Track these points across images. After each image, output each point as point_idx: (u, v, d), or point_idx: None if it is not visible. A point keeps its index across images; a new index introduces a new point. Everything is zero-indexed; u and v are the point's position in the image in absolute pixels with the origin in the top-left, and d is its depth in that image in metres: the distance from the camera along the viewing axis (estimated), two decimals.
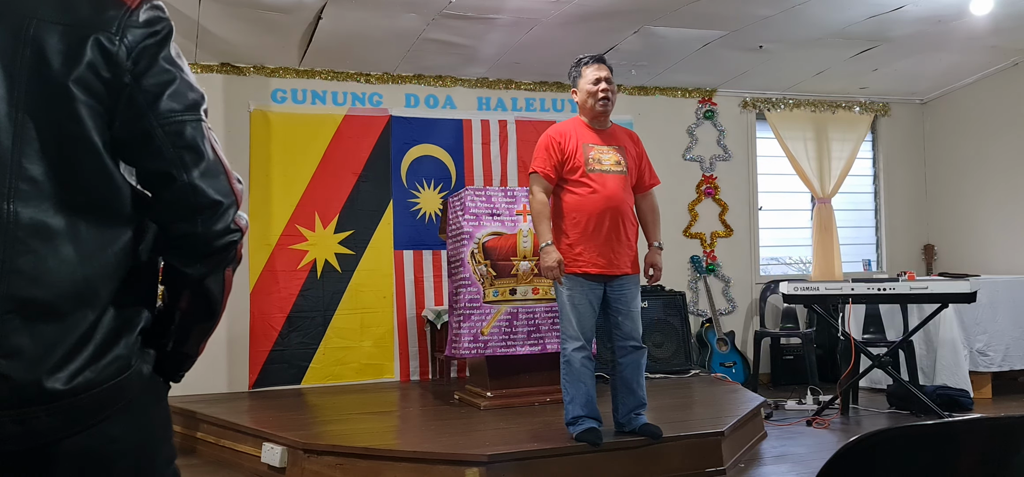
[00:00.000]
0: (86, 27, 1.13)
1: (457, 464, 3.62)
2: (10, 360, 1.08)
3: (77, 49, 1.12)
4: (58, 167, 1.12)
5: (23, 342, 1.08)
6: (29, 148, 1.10)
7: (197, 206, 1.20)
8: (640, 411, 3.89)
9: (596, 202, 3.77)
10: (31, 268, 1.09)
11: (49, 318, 1.10)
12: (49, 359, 1.10)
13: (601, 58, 3.95)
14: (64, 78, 1.11)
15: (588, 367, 3.81)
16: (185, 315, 1.28)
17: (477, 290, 4.78)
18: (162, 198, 1.20)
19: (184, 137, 1.18)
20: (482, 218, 4.82)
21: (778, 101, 7.30)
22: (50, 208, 1.11)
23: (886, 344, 5.67)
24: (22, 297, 1.08)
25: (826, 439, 4.75)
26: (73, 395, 1.11)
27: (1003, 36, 5.95)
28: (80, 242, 1.13)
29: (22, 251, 1.09)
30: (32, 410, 1.10)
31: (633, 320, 3.85)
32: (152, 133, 1.17)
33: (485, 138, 6.57)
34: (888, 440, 1.08)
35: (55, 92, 1.11)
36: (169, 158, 1.17)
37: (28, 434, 1.11)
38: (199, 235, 1.21)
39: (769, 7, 5.24)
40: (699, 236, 7.08)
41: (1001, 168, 6.90)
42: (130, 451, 1.22)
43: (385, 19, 5.22)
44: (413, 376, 6.24)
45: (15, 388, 1.08)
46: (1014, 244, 6.77)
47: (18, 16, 1.11)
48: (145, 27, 1.17)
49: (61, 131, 1.12)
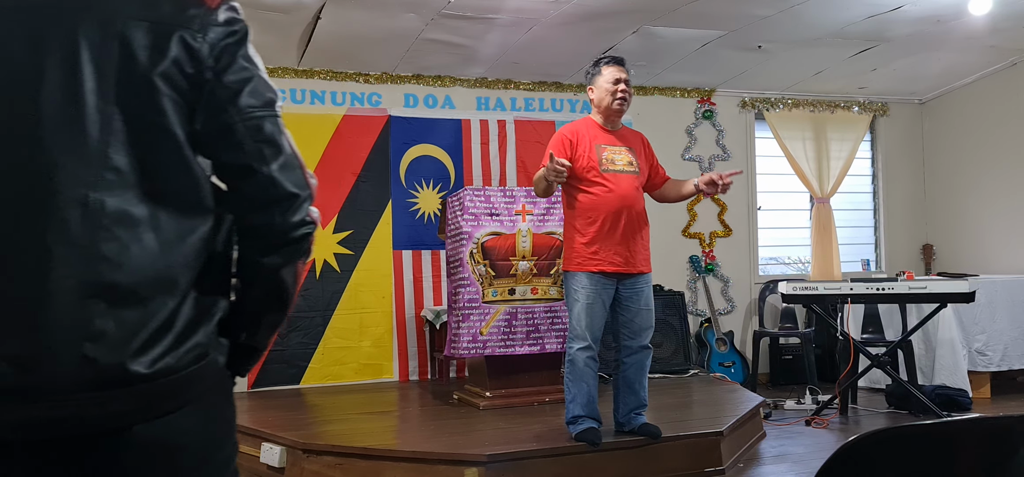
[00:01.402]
0: (170, 24, 1.17)
1: (456, 464, 3.62)
2: (95, 343, 1.11)
3: (162, 45, 1.16)
4: (142, 158, 1.16)
5: (107, 326, 1.11)
6: (115, 139, 1.14)
7: (275, 198, 1.24)
8: (640, 411, 3.89)
9: (611, 201, 3.78)
10: (115, 255, 1.12)
11: (132, 303, 1.13)
12: (132, 343, 1.13)
13: (621, 60, 3.98)
14: (150, 72, 1.16)
15: (591, 367, 3.81)
16: (258, 306, 1.31)
17: (476, 290, 4.78)
18: (242, 190, 1.24)
19: (263, 132, 1.23)
20: (481, 218, 4.82)
21: (777, 101, 7.30)
22: (133, 197, 1.15)
23: (885, 344, 5.68)
24: (107, 282, 1.12)
25: (825, 439, 4.76)
26: (154, 379, 1.14)
27: (1002, 36, 5.95)
28: (161, 231, 1.16)
29: (107, 238, 1.12)
30: (114, 393, 1.12)
31: (644, 319, 3.86)
32: (233, 127, 1.21)
33: (484, 138, 6.57)
34: (887, 440, 1.08)
35: (141, 86, 1.15)
36: (249, 151, 1.22)
37: (108, 416, 1.13)
38: (276, 226, 1.25)
39: (768, 7, 5.24)
40: (698, 236, 7.08)
41: (1000, 168, 6.91)
42: (197, 444, 1.24)
43: (384, 19, 5.22)
44: (412, 376, 6.25)
45: (99, 370, 1.11)
46: (1013, 244, 6.77)
47: (106, 12, 1.15)
48: (225, 26, 1.22)
49: (146, 123, 1.16)
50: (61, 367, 1.10)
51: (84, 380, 1.11)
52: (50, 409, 1.11)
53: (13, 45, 1.14)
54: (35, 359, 1.10)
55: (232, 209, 1.26)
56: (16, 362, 1.10)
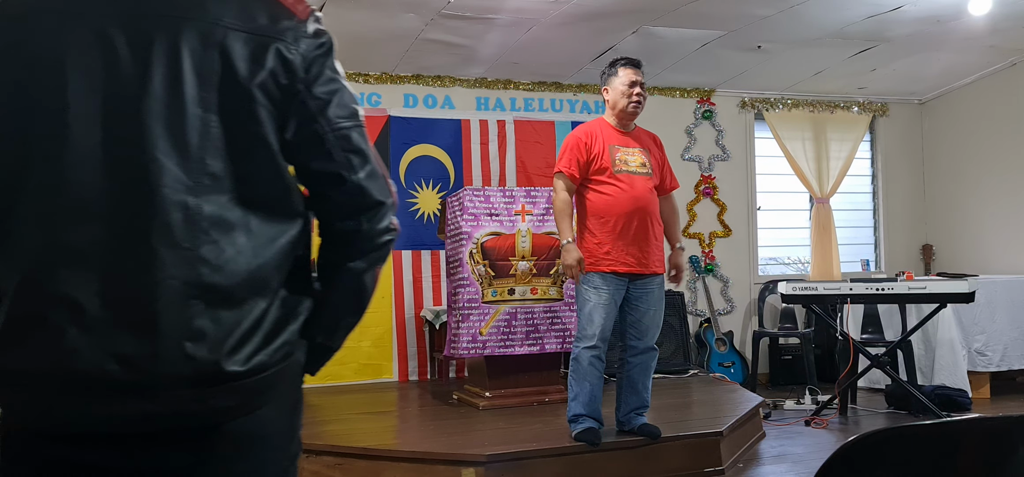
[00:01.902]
0: (267, 36, 1.22)
1: (456, 464, 3.63)
2: (196, 343, 1.15)
3: (260, 56, 1.21)
4: (237, 164, 1.20)
5: (206, 325, 1.16)
6: (212, 146, 1.19)
7: (364, 205, 1.30)
8: (641, 411, 3.89)
9: (625, 202, 3.78)
10: (213, 257, 1.17)
11: (228, 304, 1.18)
12: (228, 342, 1.18)
13: (637, 62, 3.96)
14: (249, 83, 1.20)
15: (596, 367, 3.81)
16: (338, 309, 1.36)
17: (475, 290, 4.78)
18: (331, 197, 1.29)
19: (352, 141, 1.29)
20: (481, 218, 4.82)
21: (776, 101, 7.31)
22: (228, 202, 1.20)
23: (884, 344, 5.68)
24: (207, 284, 1.16)
25: (824, 439, 4.76)
26: (249, 376, 1.20)
27: (1001, 36, 5.95)
28: (253, 234, 1.21)
29: (205, 241, 1.17)
30: (213, 389, 1.18)
31: (652, 320, 3.86)
32: (323, 137, 1.27)
33: (484, 138, 6.57)
34: (886, 440, 1.08)
35: (240, 95, 1.20)
36: (338, 160, 1.28)
37: (207, 412, 1.19)
38: (364, 232, 1.31)
39: (768, 7, 5.24)
40: (698, 236, 7.08)
41: (999, 168, 6.91)
42: (278, 436, 1.31)
43: (384, 19, 5.22)
44: (412, 376, 6.24)
45: (199, 368, 1.16)
46: (1012, 244, 6.77)
47: (207, 22, 1.20)
48: (314, 38, 1.27)
49: (243, 131, 1.21)
50: (165, 365, 1.15)
51: (185, 377, 1.16)
52: (153, 405, 1.16)
53: (120, 50, 1.17)
54: (142, 357, 1.14)
55: (320, 215, 1.31)
56: (124, 360, 1.14)
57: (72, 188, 1.15)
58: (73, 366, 1.13)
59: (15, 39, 1.18)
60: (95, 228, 1.15)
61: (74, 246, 1.14)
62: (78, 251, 1.15)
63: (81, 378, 1.13)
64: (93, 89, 1.16)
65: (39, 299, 1.14)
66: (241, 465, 1.26)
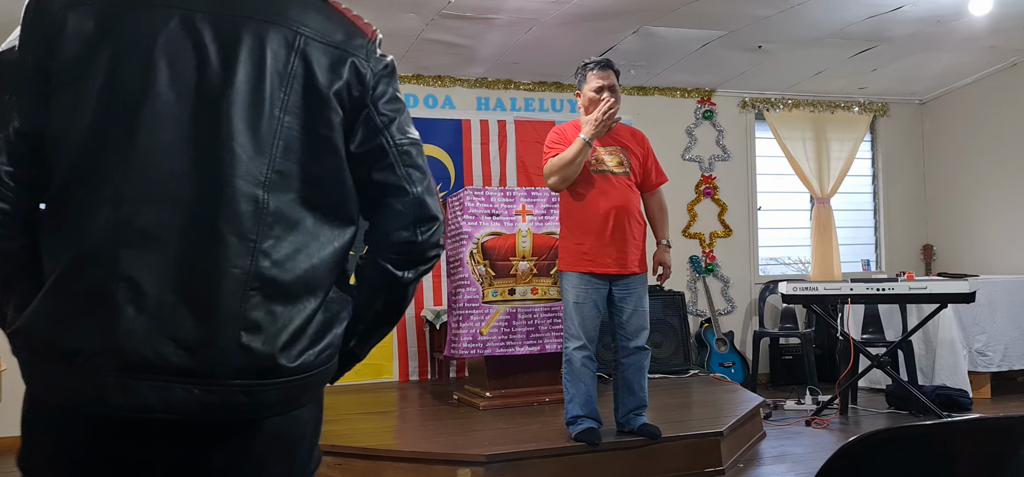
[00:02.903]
0: (345, 49, 1.29)
1: (456, 464, 3.63)
2: (252, 334, 1.18)
3: (338, 67, 1.28)
4: (306, 165, 1.25)
5: (262, 318, 1.18)
6: (285, 145, 1.23)
7: (421, 218, 1.35)
8: (640, 412, 3.89)
9: (601, 202, 3.77)
10: (275, 251, 1.20)
11: (283, 300, 1.21)
12: (282, 337, 1.20)
13: (607, 64, 3.90)
14: (327, 90, 1.26)
15: (589, 367, 3.80)
16: (378, 317, 1.39)
17: (476, 290, 4.77)
18: (392, 207, 1.34)
19: (412, 157, 1.35)
20: (481, 218, 4.82)
21: (777, 101, 7.30)
22: (294, 200, 1.24)
23: (885, 344, 5.67)
24: (266, 276, 1.19)
25: (825, 439, 4.76)
26: (295, 374, 1.22)
27: (1002, 36, 5.95)
28: (312, 235, 1.25)
29: (268, 235, 1.20)
30: (263, 383, 1.20)
31: (639, 319, 3.84)
32: (387, 150, 1.33)
33: (484, 138, 6.57)
34: (887, 440, 1.08)
35: (317, 100, 1.26)
36: (400, 174, 1.34)
37: (254, 406, 1.20)
38: (419, 244, 1.35)
39: (768, 7, 5.24)
40: (698, 236, 7.08)
41: (1000, 168, 6.91)
42: (309, 438, 1.34)
43: (384, 19, 5.21)
44: (412, 376, 6.24)
45: (254, 360, 1.18)
46: (1013, 244, 6.77)
47: (290, 29, 1.25)
48: (382, 58, 1.35)
49: (314, 135, 1.26)
50: (220, 353, 1.16)
51: (239, 368, 1.17)
52: (204, 392, 1.16)
53: (208, 44, 1.21)
54: (199, 343, 1.15)
55: (378, 225, 1.36)
56: (181, 343, 1.15)
57: (146, 171, 1.16)
58: (130, 346, 1.13)
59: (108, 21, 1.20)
60: (164, 212, 1.16)
61: (142, 227, 1.15)
62: (145, 232, 1.15)
63: (136, 359, 1.13)
64: (178, 77, 1.19)
65: (101, 276, 1.14)
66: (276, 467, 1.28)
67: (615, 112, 3.74)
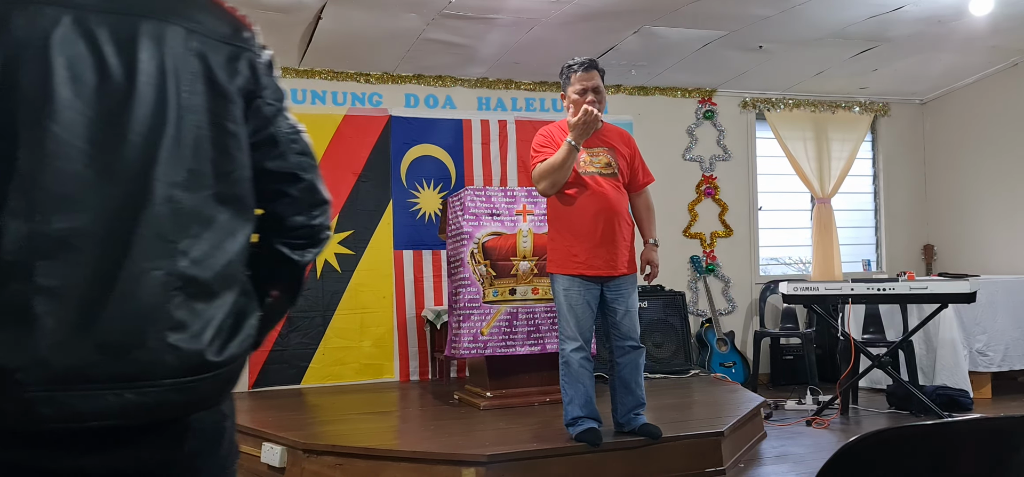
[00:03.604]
0: (236, 44, 1.32)
1: (457, 464, 3.62)
2: (178, 333, 1.18)
3: (234, 62, 1.30)
4: (216, 162, 1.26)
5: (186, 317, 1.19)
6: (195, 143, 1.24)
7: (315, 202, 1.41)
8: (639, 411, 3.89)
9: (589, 204, 3.75)
10: (193, 250, 1.21)
11: (205, 297, 1.22)
12: (207, 333, 1.21)
13: (591, 64, 3.83)
14: (228, 85, 1.29)
15: (586, 367, 3.80)
16: (277, 302, 1.45)
17: (477, 290, 4.77)
18: (287, 194, 1.39)
19: (301, 143, 1.41)
20: (482, 218, 4.82)
21: (778, 101, 7.30)
22: (206, 197, 1.25)
23: (886, 344, 5.67)
24: (187, 276, 1.20)
25: (826, 439, 4.75)
26: (222, 366, 1.24)
27: (1003, 36, 5.95)
28: (225, 230, 1.27)
29: (186, 234, 1.21)
30: (193, 380, 1.21)
31: (631, 319, 3.84)
32: (278, 139, 1.37)
33: (485, 138, 6.57)
34: (888, 440, 1.08)
35: (220, 97, 1.28)
36: (292, 162, 1.39)
37: (185, 404, 1.22)
38: (314, 227, 1.41)
39: (769, 7, 5.24)
40: (699, 236, 7.08)
41: (1001, 168, 6.90)
42: (230, 429, 1.36)
43: (385, 19, 5.22)
44: (413, 376, 6.24)
45: (182, 357, 1.19)
46: (1014, 244, 6.77)
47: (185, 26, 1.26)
48: (264, 49, 1.38)
49: (222, 131, 1.28)
50: (149, 354, 1.17)
51: (169, 368, 1.18)
52: (137, 395, 1.16)
53: (104, 44, 1.19)
54: (126, 346, 1.15)
55: (278, 211, 1.39)
56: (108, 349, 1.14)
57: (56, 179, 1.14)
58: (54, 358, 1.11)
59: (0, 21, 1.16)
60: (79, 219, 1.14)
61: (57, 236, 1.13)
62: (61, 241, 1.13)
63: (62, 370, 1.12)
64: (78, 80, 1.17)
65: (19, 290, 1.12)
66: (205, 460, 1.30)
67: (597, 115, 3.68)
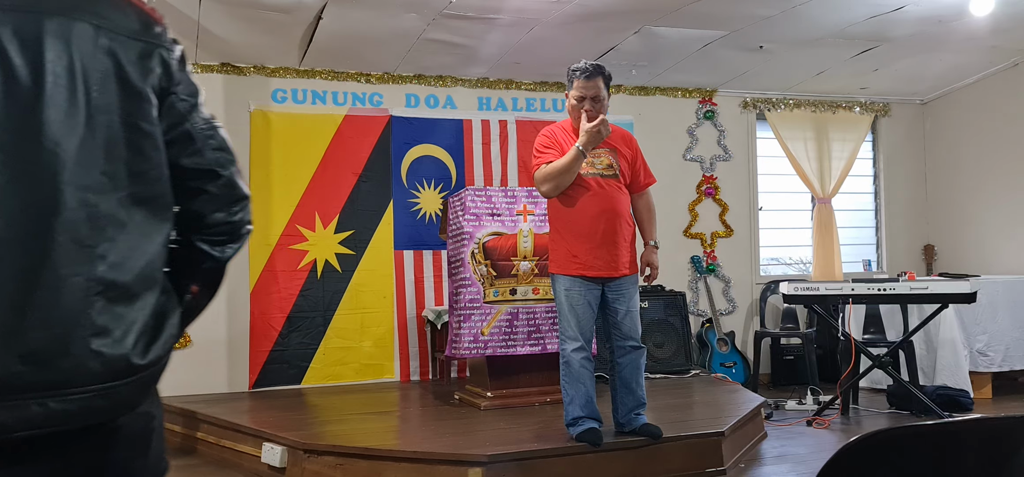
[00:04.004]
0: (148, 40, 1.28)
1: (457, 464, 3.62)
2: (101, 338, 1.18)
3: (146, 59, 1.27)
4: (130, 163, 1.24)
5: (108, 321, 1.19)
6: (108, 145, 1.22)
7: (235, 198, 1.39)
8: (640, 411, 3.89)
9: (591, 205, 3.76)
10: (111, 253, 1.20)
11: (125, 300, 1.21)
12: (130, 336, 1.21)
13: (596, 72, 3.80)
14: (141, 84, 1.26)
15: (587, 367, 3.80)
16: (197, 297, 1.43)
17: (477, 290, 4.78)
18: (206, 191, 1.36)
19: (218, 139, 1.38)
20: (482, 218, 4.82)
21: (778, 101, 7.30)
22: (122, 200, 1.23)
23: (886, 344, 5.67)
24: (107, 280, 1.19)
25: (826, 439, 4.75)
26: (147, 368, 1.24)
27: (1003, 36, 5.95)
28: (143, 231, 1.26)
29: (103, 238, 1.20)
30: (119, 385, 1.21)
31: (632, 320, 3.84)
32: (193, 135, 1.34)
33: (485, 138, 6.57)
34: (888, 440, 1.08)
35: (134, 96, 1.25)
36: (210, 158, 1.36)
37: (111, 407, 1.22)
38: (235, 223, 1.39)
39: (769, 7, 5.24)
40: (699, 236, 7.08)
41: (1001, 168, 6.90)
42: (158, 429, 1.36)
43: (385, 19, 5.22)
44: (413, 376, 6.24)
45: (106, 363, 1.18)
46: (1014, 244, 6.77)
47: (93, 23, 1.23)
48: (176, 44, 1.35)
49: (136, 131, 1.26)
50: (74, 362, 1.16)
51: (94, 373, 1.17)
52: (62, 403, 1.15)
53: (8, 44, 1.16)
54: (50, 354, 1.14)
55: (196, 208, 1.37)
56: (31, 359, 1.13)
57: None
58: None
59: None
60: None
61: None
62: None
63: None
64: None
65: None
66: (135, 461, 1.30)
67: (609, 126, 3.70)
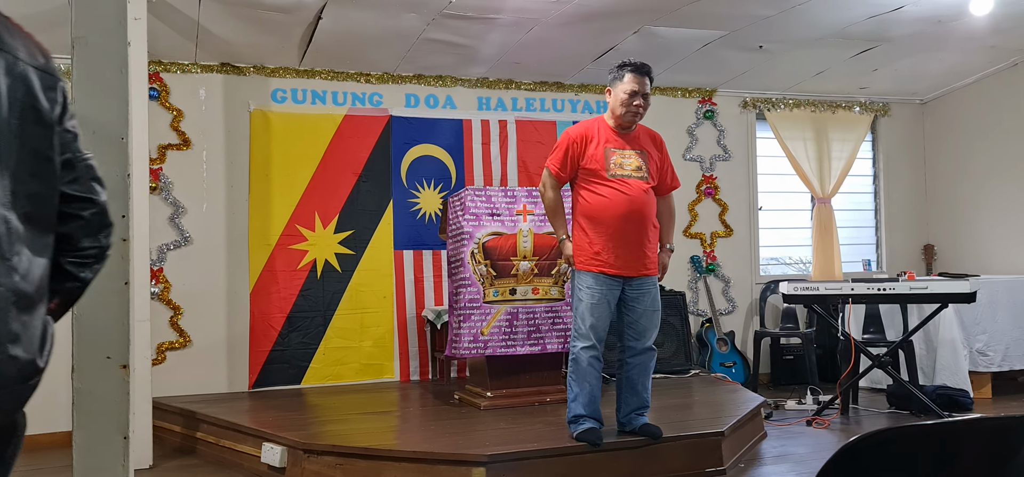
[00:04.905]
0: (50, 72, 1.39)
1: (457, 464, 3.63)
2: (15, 344, 1.28)
3: (51, 91, 1.38)
4: (29, 184, 1.34)
5: (19, 329, 1.30)
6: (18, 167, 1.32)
7: (104, 225, 1.51)
8: (642, 412, 3.89)
9: (619, 207, 3.75)
10: (19, 266, 1.31)
11: (29, 309, 1.33)
12: (34, 342, 1.33)
13: (645, 70, 3.84)
14: (50, 113, 1.37)
15: (595, 367, 3.81)
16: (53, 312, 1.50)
17: (477, 290, 4.78)
18: (82, 216, 1.46)
19: (94, 170, 1.49)
20: (482, 218, 4.83)
21: (778, 101, 7.30)
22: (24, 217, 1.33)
23: (886, 344, 5.68)
24: (19, 291, 1.30)
25: (826, 439, 4.76)
26: (43, 371, 1.36)
27: (1003, 36, 5.95)
28: (37, 246, 1.36)
29: (13, 253, 1.30)
30: (28, 386, 1.33)
31: (649, 321, 3.84)
32: (75, 164, 1.45)
33: (485, 138, 6.57)
34: (888, 440, 1.08)
35: (41, 122, 1.36)
36: (87, 187, 1.47)
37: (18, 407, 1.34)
38: (103, 248, 1.51)
39: (769, 7, 5.24)
40: (699, 236, 7.08)
41: (1001, 168, 6.90)
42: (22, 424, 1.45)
43: (385, 19, 5.22)
44: (413, 376, 6.24)
45: (21, 367, 1.29)
46: (1014, 244, 6.77)
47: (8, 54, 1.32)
48: (64, 77, 1.45)
49: (40, 156, 1.36)
50: None
51: (9, 377, 1.28)
52: None
53: None
54: None
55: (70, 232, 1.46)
56: None
57: None
58: None
59: None
60: None
61: None
62: None
63: None
64: None
65: None
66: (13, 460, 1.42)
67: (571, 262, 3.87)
